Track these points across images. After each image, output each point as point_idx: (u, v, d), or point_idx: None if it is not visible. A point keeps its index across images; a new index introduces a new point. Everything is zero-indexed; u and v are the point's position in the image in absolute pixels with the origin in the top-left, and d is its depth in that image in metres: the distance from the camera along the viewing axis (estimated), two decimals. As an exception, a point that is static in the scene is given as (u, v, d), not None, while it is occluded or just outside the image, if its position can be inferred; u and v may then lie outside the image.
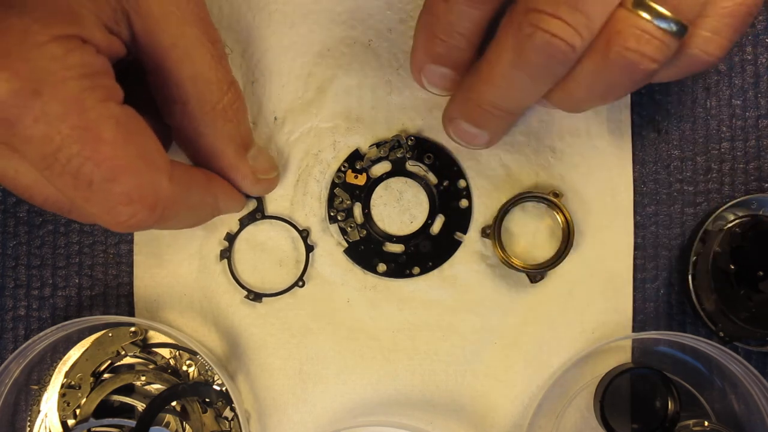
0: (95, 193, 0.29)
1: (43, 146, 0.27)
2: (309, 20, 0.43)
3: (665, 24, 0.29)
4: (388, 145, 0.42)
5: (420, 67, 0.37)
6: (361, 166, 0.42)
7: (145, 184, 0.30)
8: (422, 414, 0.43)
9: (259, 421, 0.43)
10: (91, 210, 0.29)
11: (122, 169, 0.29)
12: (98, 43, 0.29)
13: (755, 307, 0.39)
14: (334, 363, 0.43)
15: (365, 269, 0.43)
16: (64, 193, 0.29)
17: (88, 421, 0.42)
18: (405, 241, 0.43)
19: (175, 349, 0.43)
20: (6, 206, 0.44)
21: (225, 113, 0.35)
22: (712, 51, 0.32)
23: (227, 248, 0.43)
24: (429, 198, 0.43)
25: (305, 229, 0.43)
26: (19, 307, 0.44)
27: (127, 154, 0.29)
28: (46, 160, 0.28)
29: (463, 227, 0.43)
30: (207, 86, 0.34)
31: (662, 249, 0.43)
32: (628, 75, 0.31)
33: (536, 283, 0.43)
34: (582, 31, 0.29)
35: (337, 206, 0.42)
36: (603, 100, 0.34)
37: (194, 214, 0.35)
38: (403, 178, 0.43)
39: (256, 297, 0.43)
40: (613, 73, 0.31)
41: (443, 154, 0.42)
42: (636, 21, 0.29)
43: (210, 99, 0.35)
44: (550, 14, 0.29)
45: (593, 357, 0.43)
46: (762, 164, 0.43)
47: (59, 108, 0.27)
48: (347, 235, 0.43)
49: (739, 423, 0.43)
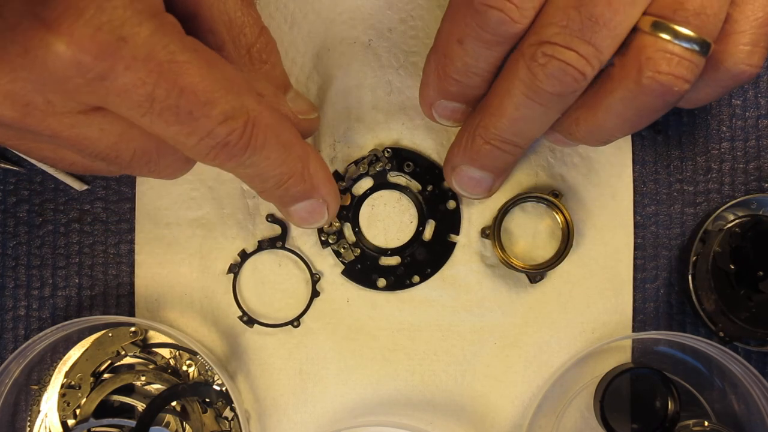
0: (196, 121, 0.29)
1: (138, 91, 0.28)
2: (309, 20, 0.43)
3: (689, 44, 0.30)
4: (366, 161, 0.42)
5: (431, 103, 0.37)
6: (343, 187, 0.42)
7: (236, 102, 0.30)
8: (422, 414, 0.43)
9: (259, 421, 0.43)
10: (190, 142, 0.30)
11: (215, 91, 0.29)
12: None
13: (755, 307, 0.39)
14: (334, 363, 0.43)
15: (366, 287, 0.43)
16: (164, 132, 0.29)
17: (88, 421, 0.42)
18: (400, 252, 0.43)
19: (175, 349, 0.43)
20: (6, 206, 0.44)
21: (260, 55, 0.35)
22: (756, 62, 0.33)
23: (237, 264, 0.43)
24: (416, 205, 0.43)
25: (317, 273, 0.43)
26: (19, 307, 0.44)
27: (215, 77, 0.29)
28: (144, 104, 0.28)
29: (454, 229, 0.43)
30: (240, 30, 0.34)
31: (662, 249, 0.43)
32: (662, 98, 0.31)
33: (536, 283, 0.43)
34: (593, 61, 0.31)
35: (327, 230, 0.42)
36: (633, 127, 0.34)
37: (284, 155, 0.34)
38: (387, 190, 0.43)
39: (249, 321, 0.43)
40: (647, 99, 0.31)
41: (423, 159, 0.42)
42: (663, 45, 0.30)
43: (244, 42, 0.35)
44: (563, 46, 0.30)
45: (593, 357, 0.43)
46: (762, 164, 0.43)
47: (143, 50, 0.27)
48: (342, 257, 0.43)
49: (739, 423, 0.43)
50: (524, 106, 0.33)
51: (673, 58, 0.30)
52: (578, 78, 0.31)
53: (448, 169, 0.39)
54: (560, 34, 0.30)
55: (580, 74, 0.31)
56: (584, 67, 0.31)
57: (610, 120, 0.33)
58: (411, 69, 0.42)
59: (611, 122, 0.33)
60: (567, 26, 0.30)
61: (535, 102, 0.32)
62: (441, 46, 0.35)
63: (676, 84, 0.30)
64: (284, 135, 0.33)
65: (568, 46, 0.30)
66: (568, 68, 0.31)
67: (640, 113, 0.32)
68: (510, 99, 0.33)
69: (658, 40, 0.30)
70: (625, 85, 0.31)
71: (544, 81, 0.31)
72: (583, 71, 0.31)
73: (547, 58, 0.31)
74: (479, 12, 0.31)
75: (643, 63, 0.30)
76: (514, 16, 0.31)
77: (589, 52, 0.30)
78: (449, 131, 0.42)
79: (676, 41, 0.30)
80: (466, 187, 0.39)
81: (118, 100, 0.28)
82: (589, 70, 0.31)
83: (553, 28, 0.31)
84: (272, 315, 0.43)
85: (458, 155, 0.38)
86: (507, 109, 0.34)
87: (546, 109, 0.33)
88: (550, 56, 0.31)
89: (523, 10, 0.31)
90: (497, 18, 0.31)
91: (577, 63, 0.31)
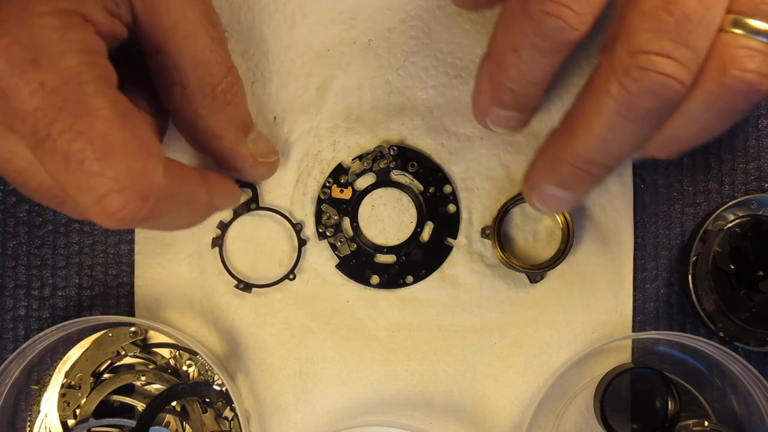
0: (87, 176, 0.27)
1: (37, 120, 0.26)
2: (309, 20, 0.43)
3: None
4: (370, 157, 0.42)
5: (484, 112, 0.35)
6: (345, 180, 0.42)
7: (138, 170, 0.28)
8: (422, 414, 0.43)
9: (259, 421, 0.43)
10: (81, 199, 0.28)
11: (116, 149, 0.27)
12: (99, 22, 0.29)
13: (755, 307, 0.39)
14: (333, 363, 0.43)
15: (359, 282, 0.43)
16: (56, 176, 0.28)
17: (88, 421, 0.42)
18: (396, 251, 0.43)
19: (175, 349, 0.43)
20: (6, 206, 0.44)
21: (224, 96, 0.35)
22: None
23: (219, 236, 0.43)
24: (416, 206, 0.43)
25: (299, 223, 0.42)
26: (19, 307, 0.44)
27: (121, 135, 0.27)
28: (38, 134, 0.27)
29: (452, 232, 0.43)
30: (206, 69, 0.34)
31: (662, 249, 0.43)
32: (746, 98, 0.29)
33: (536, 283, 0.43)
34: (691, 66, 0.29)
35: (325, 222, 0.42)
36: (710, 133, 0.32)
37: (188, 210, 0.34)
38: (389, 188, 0.43)
39: (246, 287, 0.43)
40: (730, 100, 0.29)
41: (427, 161, 0.42)
42: (746, 42, 0.28)
43: (210, 81, 0.34)
44: (658, 53, 0.28)
45: (593, 357, 0.43)
46: (762, 164, 0.43)
47: (56, 80, 0.26)
48: (338, 251, 0.43)
49: (739, 423, 0.43)
50: (618, 126, 0.30)
51: (758, 55, 0.28)
52: (678, 89, 0.29)
53: (529, 187, 0.35)
54: (654, 39, 0.28)
55: (680, 84, 0.29)
56: (683, 75, 0.28)
57: (687, 127, 0.31)
58: (411, 69, 0.43)
59: (688, 130, 0.31)
60: (661, 30, 0.28)
61: (629, 120, 0.30)
62: (495, 54, 0.33)
63: (763, 82, 0.29)
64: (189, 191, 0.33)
65: (664, 53, 0.28)
66: (666, 80, 0.28)
67: (720, 117, 0.30)
68: (600, 118, 0.30)
69: (740, 38, 0.28)
70: (707, 87, 0.29)
71: (641, 97, 0.29)
72: (683, 80, 0.28)
73: (642, 71, 0.28)
74: (536, 19, 0.30)
75: (728, 61, 0.28)
76: (573, 22, 0.29)
77: (687, 56, 0.28)
78: (449, 131, 0.42)
79: (760, 38, 0.28)
80: (550, 205, 0.35)
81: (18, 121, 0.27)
82: (688, 77, 0.29)
83: (644, 35, 0.28)
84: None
85: (539, 175, 0.35)
86: (597, 130, 0.31)
87: (641, 126, 0.30)
88: (646, 69, 0.28)
89: (581, 15, 0.29)
90: (555, 25, 0.29)
91: (676, 72, 0.28)
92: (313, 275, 0.43)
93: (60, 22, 0.27)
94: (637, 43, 0.28)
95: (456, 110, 0.43)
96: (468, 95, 0.42)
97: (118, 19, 0.31)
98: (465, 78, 0.42)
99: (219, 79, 0.35)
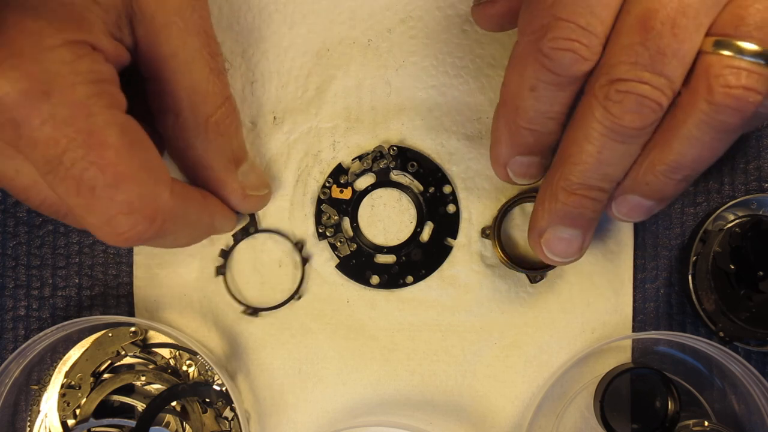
0: (97, 200, 0.29)
1: (48, 149, 0.27)
2: (309, 20, 0.43)
3: (755, 58, 0.30)
4: (370, 157, 0.42)
5: (505, 162, 0.36)
6: (345, 181, 0.42)
7: (147, 194, 0.30)
8: (422, 414, 0.43)
9: (259, 421, 0.43)
10: (90, 220, 0.29)
11: (125, 177, 0.29)
12: (106, 50, 0.30)
13: (755, 307, 0.39)
14: (333, 363, 0.43)
15: (359, 282, 0.43)
16: (66, 199, 0.29)
17: (88, 421, 0.42)
18: (396, 251, 0.43)
19: (175, 349, 0.43)
20: (6, 206, 0.44)
21: (217, 127, 0.35)
22: None
23: (222, 264, 0.43)
24: (416, 206, 0.43)
25: (299, 241, 0.43)
26: (19, 307, 0.44)
27: (131, 162, 0.29)
28: (51, 163, 0.28)
29: (452, 232, 0.43)
30: (201, 98, 0.34)
31: (662, 249, 0.43)
32: (738, 114, 0.30)
33: (536, 283, 0.43)
34: (666, 91, 0.31)
35: (324, 222, 0.42)
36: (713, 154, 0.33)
37: (191, 231, 0.35)
38: (389, 188, 0.43)
39: (253, 312, 0.43)
40: (722, 117, 0.31)
41: (427, 161, 0.42)
42: (728, 61, 0.30)
43: (203, 111, 0.35)
44: (635, 80, 0.30)
45: (593, 357, 0.43)
46: (762, 164, 0.43)
47: (67, 111, 0.27)
48: (338, 251, 0.43)
49: (739, 423, 0.43)
50: (606, 147, 0.32)
51: (741, 72, 0.30)
52: (655, 108, 0.31)
53: (535, 237, 0.36)
54: (631, 70, 0.30)
55: (657, 104, 0.31)
56: (659, 97, 0.31)
57: (688, 151, 0.32)
58: (410, 69, 0.43)
59: (690, 153, 0.32)
60: (636, 62, 0.30)
61: (616, 141, 0.32)
62: (510, 99, 0.34)
63: (749, 96, 0.30)
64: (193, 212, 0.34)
65: (641, 80, 0.30)
66: (644, 100, 0.31)
67: (718, 136, 0.31)
68: (589, 142, 0.32)
69: (722, 58, 0.30)
70: (699, 107, 0.31)
71: (622, 117, 0.31)
72: (659, 101, 0.31)
73: (621, 94, 0.31)
74: (548, 56, 0.31)
75: (712, 81, 0.30)
76: (584, 54, 0.31)
77: (662, 83, 0.30)
78: (449, 131, 0.42)
79: (741, 56, 0.30)
80: (558, 250, 0.36)
81: (28, 149, 0.28)
82: (664, 99, 0.31)
83: (622, 66, 0.30)
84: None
85: (543, 218, 0.35)
86: (588, 154, 0.33)
87: (627, 146, 0.32)
88: (625, 92, 0.31)
89: (591, 47, 0.31)
90: (569, 59, 0.31)
91: (652, 94, 0.30)
92: (313, 275, 0.43)
93: (69, 53, 0.27)
94: (616, 73, 0.31)
95: (456, 110, 0.43)
96: (468, 95, 0.42)
97: (121, 43, 0.31)
98: (465, 78, 0.43)
99: (213, 109, 0.35)
